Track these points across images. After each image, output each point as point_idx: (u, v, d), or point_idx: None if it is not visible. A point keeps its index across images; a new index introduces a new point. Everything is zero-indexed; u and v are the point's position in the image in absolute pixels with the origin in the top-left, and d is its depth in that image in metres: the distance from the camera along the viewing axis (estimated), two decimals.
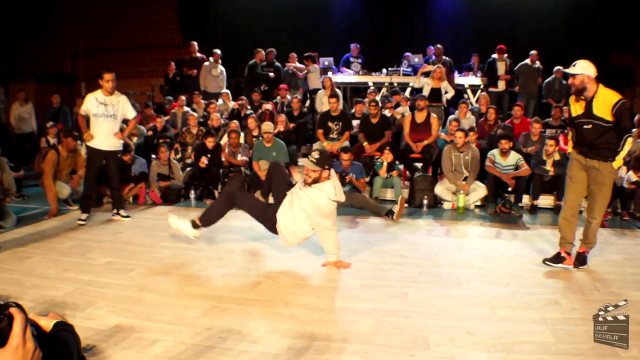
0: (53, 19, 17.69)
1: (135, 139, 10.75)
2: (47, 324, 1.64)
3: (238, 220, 6.79)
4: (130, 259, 5.73)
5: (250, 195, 5.99)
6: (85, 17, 17.91)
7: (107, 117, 7.45)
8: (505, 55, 12.24)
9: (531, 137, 9.50)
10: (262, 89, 13.02)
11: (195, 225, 5.84)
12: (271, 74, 13.23)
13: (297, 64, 13.21)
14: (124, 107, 7.65)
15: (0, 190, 7.68)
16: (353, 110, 11.07)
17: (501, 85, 12.30)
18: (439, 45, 12.77)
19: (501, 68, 12.26)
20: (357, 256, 5.89)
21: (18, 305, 1.26)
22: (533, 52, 12.21)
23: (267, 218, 5.61)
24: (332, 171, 5.56)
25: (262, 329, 3.92)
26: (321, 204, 5.31)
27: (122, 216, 7.81)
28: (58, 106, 13.20)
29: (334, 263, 5.49)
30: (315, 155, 5.28)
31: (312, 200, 5.31)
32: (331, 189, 5.34)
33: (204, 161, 9.13)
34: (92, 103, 7.43)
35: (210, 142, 9.42)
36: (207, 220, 5.88)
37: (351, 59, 13.58)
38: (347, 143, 9.86)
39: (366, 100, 11.42)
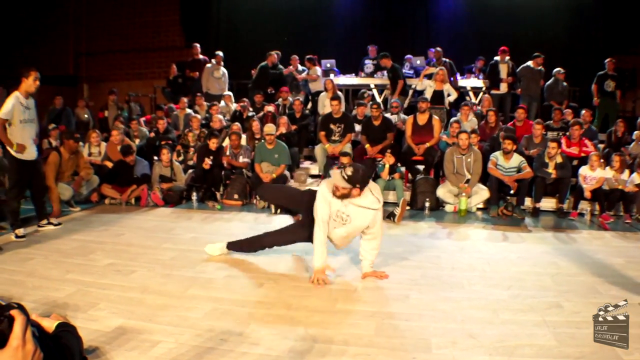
0: (56, 20, 17.69)
1: (137, 141, 10.76)
2: (49, 325, 1.64)
3: (240, 223, 6.80)
4: (132, 261, 5.73)
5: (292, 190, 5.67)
6: (88, 19, 17.92)
7: (31, 122, 6.85)
8: (508, 57, 12.23)
9: (533, 139, 9.49)
10: (270, 92, 13.02)
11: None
12: (286, 70, 13.31)
13: (299, 66, 13.20)
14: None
15: (1, 191, 7.68)
16: (355, 113, 11.06)
17: (503, 88, 12.29)
18: (438, 49, 12.75)
19: (503, 70, 12.25)
20: (358, 258, 5.87)
21: (20, 307, 1.26)
22: (536, 54, 12.18)
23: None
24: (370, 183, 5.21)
25: (264, 330, 3.92)
26: (372, 218, 5.07)
27: (54, 224, 7.32)
28: (60, 108, 13.21)
29: (372, 273, 5.29)
30: (349, 171, 4.97)
31: (370, 219, 5.06)
32: (373, 199, 5.05)
33: (207, 162, 9.12)
34: (18, 107, 6.63)
35: (213, 144, 9.42)
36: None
37: (366, 61, 13.59)
38: (349, 145, 9.86)
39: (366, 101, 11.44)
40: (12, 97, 6.65)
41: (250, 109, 11.87)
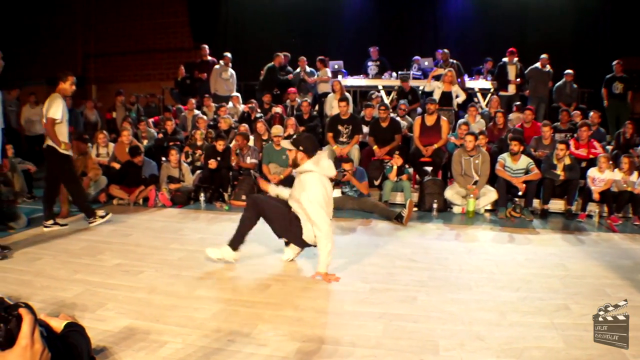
0: (64, 22, 17.76)
1: (145, 142, 10.79)
2: (57, 324, 1.64)
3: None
4: (140, 261, 5.74)
5: (275, 204, 5.69)
6: (97, 20, 17.98)
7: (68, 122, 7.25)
8: (516, 58, 12.20)
9: (542, 141, 9.46)
10: (275, 92, 13.04)
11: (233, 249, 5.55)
12: (291, 76, 13.35)
13: (307, 68, 13.21)
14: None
15: (10, 191, 7.72)
16: (362, 114, 11.06)
17: (512, 89, 12.26)
18: (445, 50, 12.75)
19: (512, 71, 12.22)
20: (366, 260, 5.88)
21: (28, 306, 1.26)
22: (544, 55, 12.17)
23: (292, 231, 5.39)
24: (320, 152, 5.32)
25: (271, 331, 3.92)
26: (309, 183, 5.11)
27: (60, 225, 7.36)
28: (69, 109, 13.23)
29: (324, 275, 5.19)
30: (295, 135, 5.08)
31: (303, 186, 5.15)
32: (310, 164, 5.17)
33: (213, 163, 9.14)
34: (65, 108, 7.10)
35: (220, 145, 9.44)
36: (238, 241, 5.54)
37: (369, 63, 13.60)
38: (356, 147, 9.85)
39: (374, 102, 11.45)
40: (58, 98, 6.97)
41: (258, 110, 11.88)
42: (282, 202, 5.54)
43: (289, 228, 5.36)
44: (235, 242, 5.49)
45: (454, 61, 12.57)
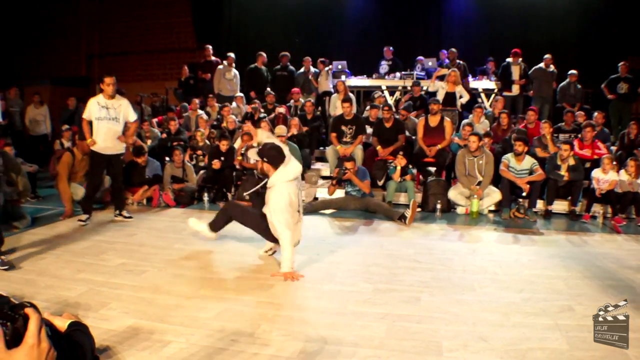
0: (68, 22, 17.82)
1: (149, 142, 10.80)
2: (61, 323, 1.64)
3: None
4: (144, 261, 5.75)
5: (247, 210, 5.90)
6: (101, 21, 18.05)
7: (109, 120, 7.53)
8: (520, 59, 12.18)
9: (542, 140, 9.44)
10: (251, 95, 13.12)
11: (211, 229, 5.97)
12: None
13: (312, 68, 13.22)
14: (125, 110, 7.72)
15: (14, 191, 7.73)
16: (367, 115, 11.06)
17: (515, 90, 12.24)
18: (453, 49, 12.73)
19: (516, 72, 12.20)
20: (369, 260, 5.88)
21: (33, 306, 1.26)
22: (547, 56, 12.15)
23: (265, 229, 5.54)
24: (289, 160, 5.45)
25: (274, 332, 3.92)
26: (272, 197, 5.32)
27: (125, 217, 7.90)
28: (73, 109, 13.30)
29: (284, 274, 5.24)
30: (261, 145, 5.30)
31: (268, 199, 5.38)
32: (274, 177, 5.35)
33: (217, 163, 9.15)
34: (95, 107, 7.52)
35: (223, 145, 9.45)
36: (216, 227, 6.01)
37: (382, 62, 13.60)
38: (360, 147, 9.84)
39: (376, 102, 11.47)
40: (91, 99, 7.73)
41: (262, 110, 11.89)
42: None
43: (260, 226, 5.62)
44: (215, 226, 5.99)
45: (461, 62, 12.56)
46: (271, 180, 5.35)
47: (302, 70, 13.32)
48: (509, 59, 12.24)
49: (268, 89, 12.96)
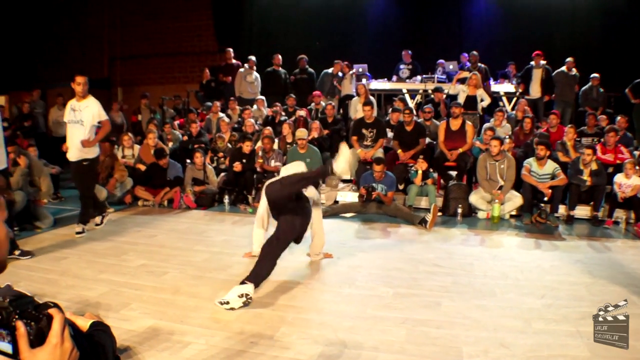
0: (91, 24, 17.98)
1: (170, 144, 10.87)
2: (83, 323, 1.65)
3: (271, 227, 6.80)
4: (165, 262, 5.79)
5: (284, 237, 5.60)
6: (122, 24, 18.18)
7: (74, 123, 6.90)
8: (543, 61, 12.08)
9: (565, 145, 9.35)
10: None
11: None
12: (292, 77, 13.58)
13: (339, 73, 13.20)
14: (93, 111, 6.92)
15: (36, 192, 7.82)
16: (388, 118, 11.03)
17: (536, 93, 12.13)
18: (474, 52, 12.64)
19: (538, 75, 12.10)
20: (390, 264, 5.87)
21: (56, 305, 1.27)
22: (569, 59, 12.04)
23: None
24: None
25: (294, 335, 3.92)
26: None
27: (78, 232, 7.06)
28: None
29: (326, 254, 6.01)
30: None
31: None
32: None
33: (238, 165, 9.18)
34: (68, 109, 6.99)
35: (246, 147, 9.46)
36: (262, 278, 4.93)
37: (401, 66, 13.57)
38: (380, 151, 9.82)
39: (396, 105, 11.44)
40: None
41: (283, 113, 11.91)
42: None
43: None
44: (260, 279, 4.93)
45: (482, 65, 12.49)
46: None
47: (329, 71, 13.23)
48: (532, 62, 12.15)
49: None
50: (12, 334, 1.16)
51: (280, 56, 13.57)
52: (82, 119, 6.83)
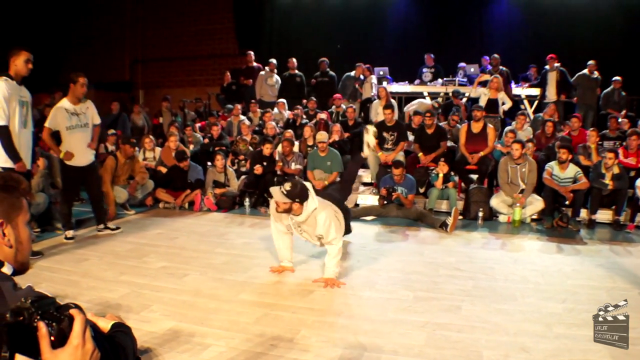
0: (112, 28, 18.17)
1: (191, 147, 10.93)
2: (105, 324, 1.67)
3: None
4: (185, 264, 5.82)
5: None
6: (144, 27, 18.35)
7: (81, 127, 6.75)
8: (557, 64, 12.00)
9: (587, 149, 9.27)
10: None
11: None
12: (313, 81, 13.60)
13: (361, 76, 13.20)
14: (92, 112, 6.95)
15: (57, 193, 7.91)
16: (410, 121, 11.00)
17: (552, 96, 12.04)
18: (495, 55, 12.58)
19: (553, 78, 12.02)
20: (410, 268, 5.85)
21: (78, 307, 1.29)
22: (591, 62, 11.94)
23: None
24: (311, 192, 5.28)
25: (314, 337, 3.92)
26: (321, 218, 5.20)
27: (111, 229, 7.31)
28: (117, 113, 13.50)
29: (326, 280, 5.29)
30: (287, 187, 5.04)
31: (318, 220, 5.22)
32: (312, 204, 5.20)
33: (259, 168, 9.21)
34: (63, 115, 6.61)
35: (267, 149, 9.49)
36: None
37: (424, 69, 13.55)
38: (401, 154, 9.79)
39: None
40: (55, 107, 6.76)
41: (304, 116, 11.93)
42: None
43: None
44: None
45: (503, 68, 12.43)
46: (306, 214, 5.19)
47: (351, 74, 13.24)
48: (547, 66, 12.09)
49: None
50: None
51: (295, 60, 13.61)
52: (87, 121, 6.82)
